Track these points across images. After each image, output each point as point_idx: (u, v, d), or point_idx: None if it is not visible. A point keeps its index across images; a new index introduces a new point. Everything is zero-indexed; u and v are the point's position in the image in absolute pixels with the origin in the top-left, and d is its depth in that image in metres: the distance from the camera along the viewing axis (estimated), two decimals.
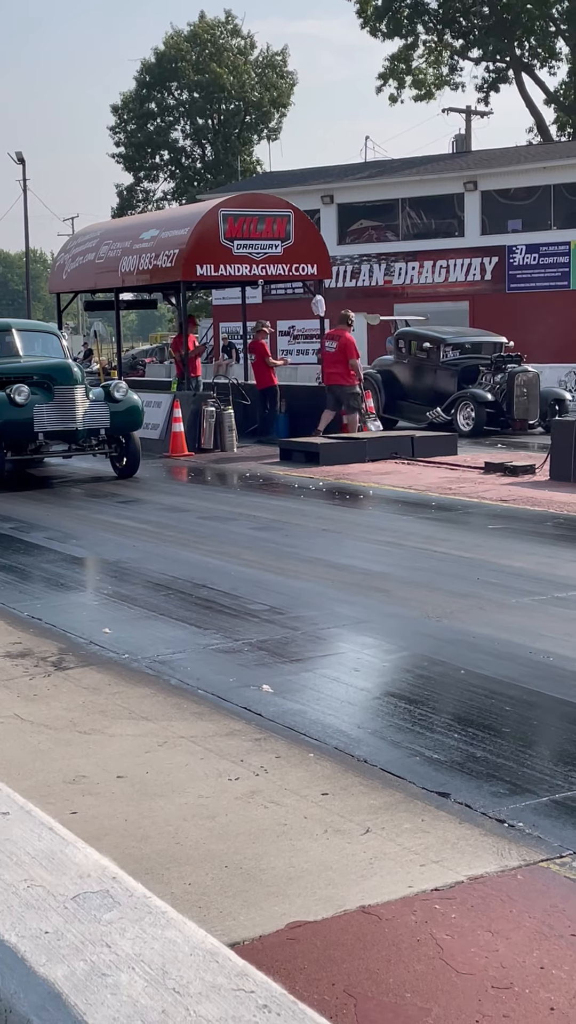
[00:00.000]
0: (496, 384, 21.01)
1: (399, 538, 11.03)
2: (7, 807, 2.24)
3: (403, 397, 22.69)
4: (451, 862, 4.28)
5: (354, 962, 3.64)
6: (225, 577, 9.33)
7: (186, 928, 1.79)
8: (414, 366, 22.64)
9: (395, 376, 22.99)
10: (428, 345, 22.42)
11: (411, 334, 23.46)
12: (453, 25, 51.51)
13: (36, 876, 1.99)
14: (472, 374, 21.72)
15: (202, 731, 5.75)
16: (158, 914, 1.85)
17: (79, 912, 1.87)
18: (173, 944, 1.72)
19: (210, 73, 62.12)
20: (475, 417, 20.86)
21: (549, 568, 9.44)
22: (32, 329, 17.56)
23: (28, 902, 1.92)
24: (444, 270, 37.30)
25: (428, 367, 22.34)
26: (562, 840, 4.45)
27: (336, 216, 39.48)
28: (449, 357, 22.16)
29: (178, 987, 1.63)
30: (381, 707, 6.12)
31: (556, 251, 34.79)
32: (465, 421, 21.01)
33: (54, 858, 2.03)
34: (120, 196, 65.77)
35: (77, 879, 1.97)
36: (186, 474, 16.78)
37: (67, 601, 8.84)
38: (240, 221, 19.69)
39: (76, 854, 2.05)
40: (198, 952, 1.69)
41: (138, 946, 1.74)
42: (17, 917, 1.87)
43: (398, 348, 23.29)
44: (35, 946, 1.78)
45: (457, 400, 21.28)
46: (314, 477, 15.35)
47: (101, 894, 1.91)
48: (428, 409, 21.74)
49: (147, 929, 1.78)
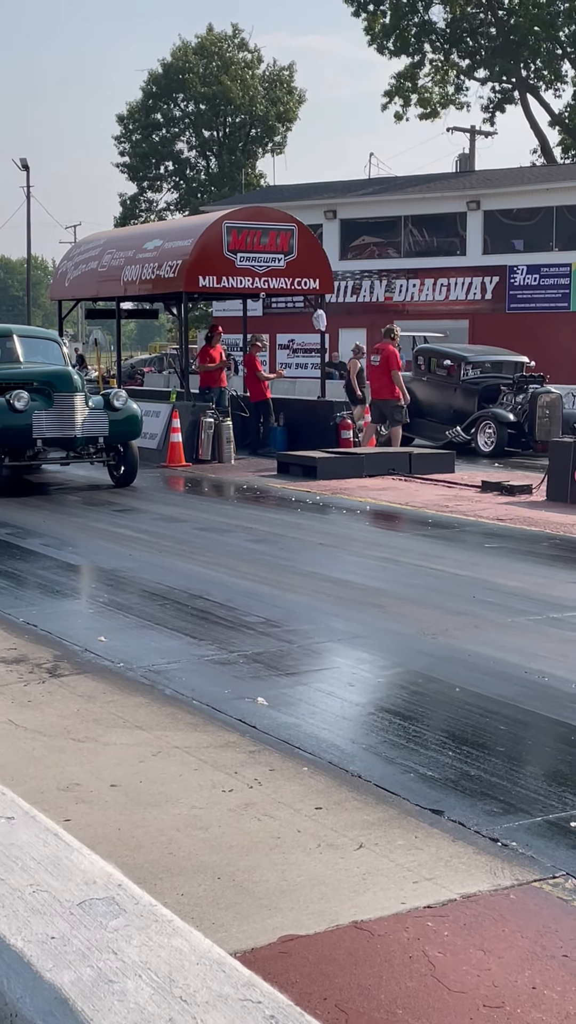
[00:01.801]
0: (518, 404, 20.63)
1: (395, 554, 11.04)
2: (12, 812, 2.24)
3: (421, 415, 22.27)
4: (444, 879, 4.27)
5: (346, 977, 3.63)
6: (221, 588, 9.33)
7: (192, 937, 1.79)
8: (433, 384, 22.29)
9: (413, 393, 22.38)
10: (449, 363, 22.10)
11: (431, 351, 23.14)
12: (460, 45, 51.74)
13: (42, 881, 1.99)
14: (493, 394, 21.33)
15: (196, 742, 5.74)
16: (164, 922, 1.85)
17: (85, 918, 1.87)
18: (180, 953, 1.72)
19: (218, 86, 62.28)
20: (496, 437, 20.50)
21: (545, 588, 9.45)
22: (33, 336, 17.57)
23: (34, 907, 1.91)
24: (445, 288, 37.40)
25: (448, 385, 21.97)
26: (555, 860, 4.45)
27: (338, 231, 39.58)
28: (470, 375, 21.78)
29: (185, 995, 1.63)
30: (376, 723, 6.11)
31: (557, 272, 34.90)
32: (486, 441, 20.65)
33: (59, 864, 2.03)
34: (123, 205, 65.89)
35: (83, 885, 1.96)
36: (183, 485, 16.78)
37: (63, 608, 8.84)
38: (244, 234, 19.74)
39: (82, 860, 2.05)
40: (205, 961, 1.69)
41: (144, 953, 1.74)
42: (23, 922, 1.87)
43: (417, 365, 22.95)
44: (41, 951, 1.77)
45: (478, 419, 20.91)
46: (311, 491, 15.36)
47: (107, 901, 1.91)
48: (446, 428, 21.38)
49: (153, 937, 1.78)
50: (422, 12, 50.81)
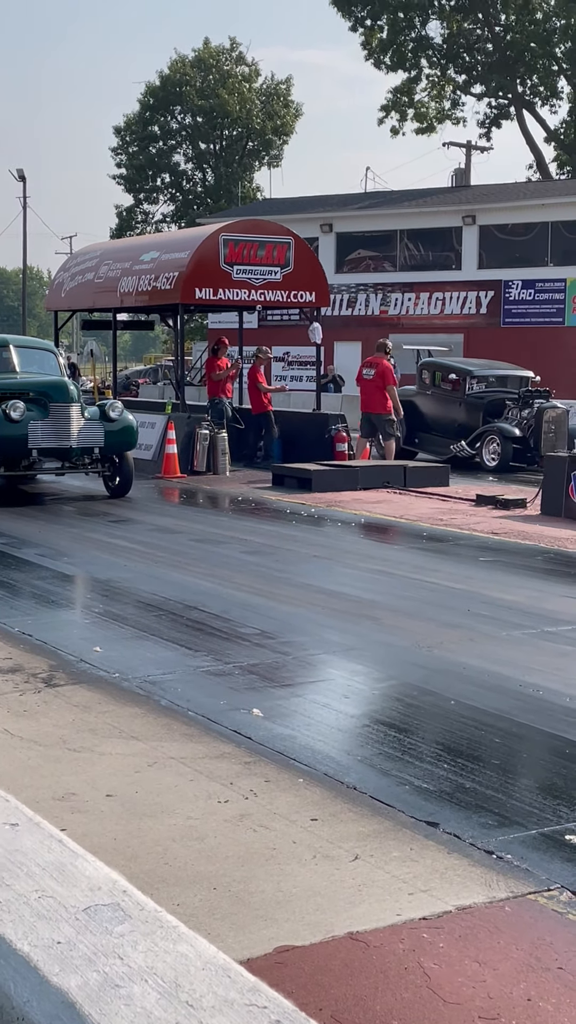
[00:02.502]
0: (523, 419, 20.44)
1: (390, 567, 11.06)
2: (16, 819, 2.25)
3: (425, 429, 22.18)
4: (439, 891, 4.29)
5: (341, 988, 3.64)
6: (216, 600, 9.34)
7: (198, 943, 1.81)
8: (438, 398, 22.12)
9: (417, 407, 22.43)
10: (453, 377, 21.93)
11: (436, 365, 22.97)
12: (457, 60, 51.95)
13: (47, 887, 2.00)
14: (498, 408, 21.15)
15: (192, 753, 5.75)
16: (169, 928, 1.86)
17: (91, 924, 1.88)
18: (185, 958, 1.73)
19: (215, 99, 62.46)
20: (501, 452, 20.34)
21: (539, 602, 9.47)
22: (29, 346, 17.59)
23: (40, 913, 1.92)
24: (440, 302, 37.49)
25: (453, 399, 21.78)
26: (550, 873, 4.47)
27: (334, 245, 39.67)
28: (474, 390, 21.59)
29: (191, 1000, 1.65)
30: (371, 735, 6.13)
31: (552, 287, 35.00)
32: (491, 456, 20.47)
33: (64, 870, 2.04)
34: (119, 217, 65.97)
35: (88, 891, 1.98)
36: (178, 496, 16.79)
37: (58, 618, 8.85)
38: (240, 246, 19.79)
39: (86, 867, 2.06)
40: (210, 967, 1.70)
41: (150, 959, 1.75)
42: (29, 927, 1.88)
43: (421, 379, 22.80)
44: (48, 956, 1.79)
45: (483, 434, 20.73)
46: (306, 503, 15.39)
47: (112, 907, 1.92)
48: (451, 442, 21.21)
49: (159, 943, 1.79)
50: (419, 28, 51.02)
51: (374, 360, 19.40)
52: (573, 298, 34.58)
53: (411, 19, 50.53)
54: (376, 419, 19.20)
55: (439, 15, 50.70)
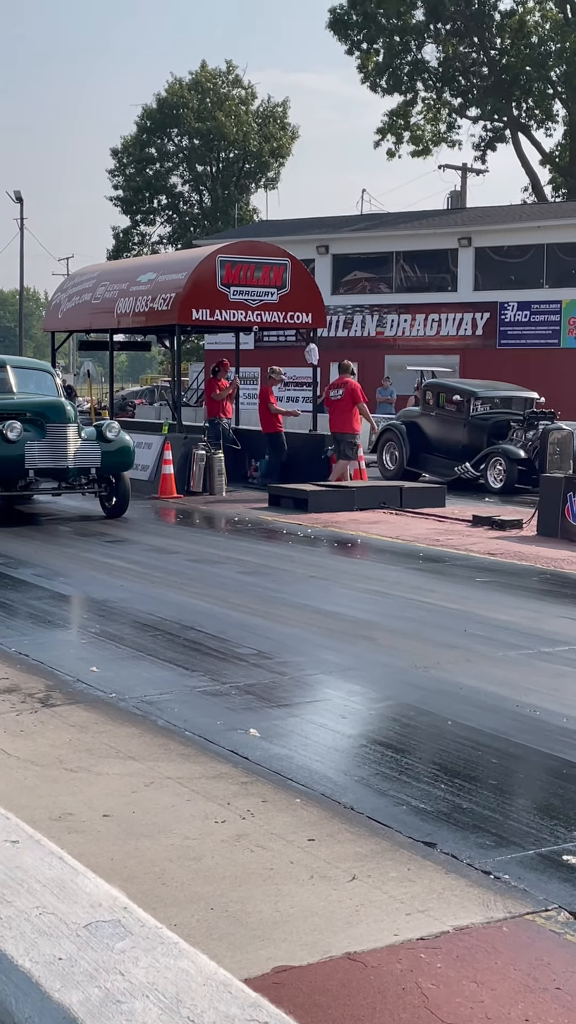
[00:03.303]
0: (528, 441, 20.23)
1: (387, 587, 11.07)
2: (16, 836, 2.25)
3: (428, 450, 21.97)
4: (437, 912, 4.28)
5: (339, 1008, 3.64)
6: (213, 620, 9.34)
7: (199, 959, 1.81)
8: (442, 419, 21.89)
9: (420, 428, 22.23)
10: (458, 398, 21.70)
11: (439, 386, 22.79)
12: (452, 84, 52.24)
13: (48, 904, 2.00)
14: (502, 430, 20.95)
15: (189, 773, 5.75)
16: (170, 944, 1.87)
17: (92, 940, 1.88)
18: (186, 974, 1.73)
19: (212, 121, 62.77)
20: (506, 474, 20.13)
21: (536, 622, 9.48)
22: (26, 367, 17.63)
23: (41, 929, 1.93)
24: (436, 324, 37.59)
25: (457, 420, 21.55)
26: (547, 893, 4.46)
27: (330, 266, 39.79)
28: (479, 411, 21.40)
29: (192, 1016, 1.65)
30: (368, 755, 6.13)
31: (547, 309, 35.11)
32: (496, 478, 20.25)
33: (65, 887, 2.04)
34: (116, 238, 66.19)
35: (89, 908, 1.98)
36: (175, 516, 16.80)
37: (54, 638, 8.84)
38: (237, 268, 19.85)
39: (87, 883, 2.06)
40: (211, 983, 1.70)
41: (151, 975, 1.75)
42: (30, 943, 1.88)
43: (424, 400, 22.64)
44: (49, 972, 1.79)
45: (488, 456, 20.52)
46: (302, 524, 15.40)
47: (113, 923, 1.92)
48: (454, 463, 20.98)
49: (160, 959, 1.80)
50: (415, 51, 51.32)
51: (340, 381, 19.17)
52: (568, 320, 34.70)
53: (407, 43, 50.84)
54: (340, 438, 18.94)
55: (435, 39, 51.02)
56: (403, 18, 49.50)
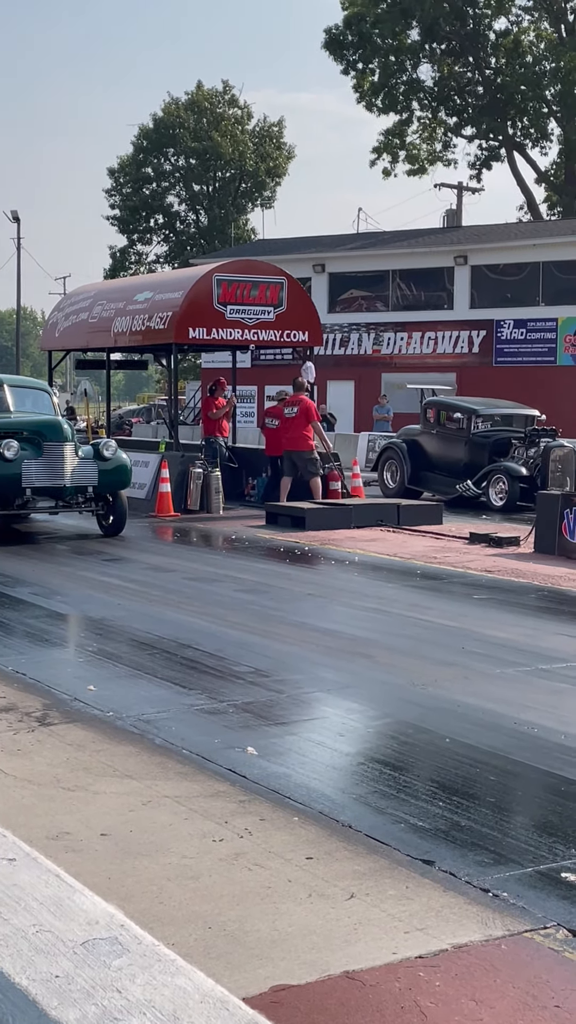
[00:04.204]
0: (530, 458, 20.10)
1: (384, 605, 11.07)
2: (13, 853, 2.24)
3: (429, 468, 21.91)
4: (435, 930, 4.27)
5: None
6: (210, 638, 9.33)
7: (196, 976, 1.80)
8: (443, 437, 21.84)
9: (421, 446, 22.17)
10: (459, 416, 21.68)
11: (440, 404, 22.73)
12: (448, 103, 52.47)
13: (44, 922, 2.00)
14: (504, 447, 20.90)
15: (186, 791, 5.73)
16: (167, 962, 1.86)
17: (89, 957, 1.88)
18: (183, 992, 1.73)
19: (208, 141, 62.99)
20: (508, 492, 20.05)
21: (533, 640, 9.48)
22: (23, 385, 17.63)
23: (38, 947, 1.92)
24: (432, 341, 37.67)
25: (457, 438, 21.51)
26: (546, 911, 4.45)
27: (327, 285, 39.89)
28: (480, 429, 21.34)
29: None
30: (366, 773, 6.11)
31: (543, 327, 35.20)
32: (498, 496, 20.17)
33: (62, 904, 2.04)
34: (113, 257, 66.35)
35: (85, 925, 1.97)
36: (172, 534, 16.80)
37: (51, 657, 8.83)
38: (234, 286, 19.90)
39: (84, 901, 2.05)
40: (208, 1000, 1.70)
41: (148, 992, 1.74)
42: (27, 961, 1.87)
43: (426, 418, 22.52)
44: (46, 990, 1.78)
45: (490, 473, 20.44)
46: (300, 542, 15.40)
47: (110, 941, 1.92)
48: (456, 481, 20.95)
49: (157, 976, 1.79)
50: (410, 71, 51.57)
51: (295, 398, 18.98)
52: (565, 337, 34.78)
53: (402, 62, 51.10)
54: (298, 457, 18.76)
55: (430, 59, 51.28)
56: (398, 38, 49.77)
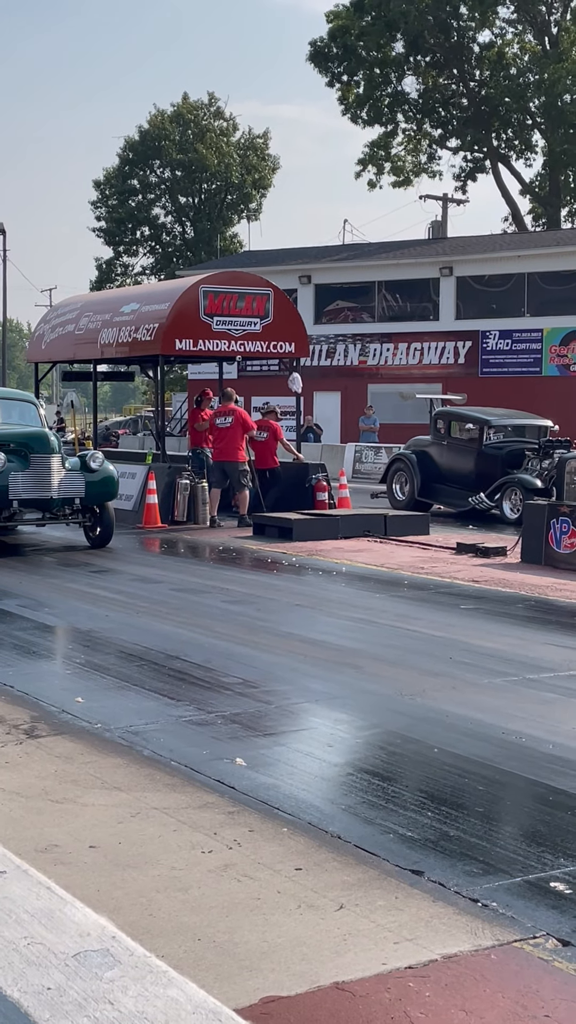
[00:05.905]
0: (544, 470, 19.60)
1: (372, 615, 11.07)
2: (3, 866, 2.24)
3: (440, 480, 21.52)
4: (425, 940, 4.27)
5: None
6: (198, 649, 9.32)
7: (188, 988, 1.80)
8: (454, 448, 21.45)
9: (432, 458, 21.75)
10: (471, 426, 21.27)
11: (452, 414, 22.34)
12: (432, 115, 52.69)
13: (36, 934, 1.99)
14: (517, 459, 20.44)
15: (175, 803, 5.73)
16: (159, 973, 1.86)
17: (80, 969, 1.87)
18: (175, 1003, 1.73)
19: (194, 153, 63.11)
20: (523, 504, 19.21)
21: (521, 650, 9.49)
22: (9, 397, 17.60)
23: (29, 959, 1.92)
24: (418, 352, 37.77)
25: (469, 450, 21.09)
26: (535, 921, 4.46)
27: (313, 296, 39.98)
28: (492, 440, 20.86)
29: None
30: (355, 783, 6.11)
31: (528, 338, 35.32)
32: (512, 508, 19.65)
33: (53, 916, 2.03)
34: (99, 269, 66.40)
35: (77, 937, 1.97)
36: (159, 546, 16.79)
37: (39, 669, 8.81)
38: (220, 298, 19.93)
39: (75, 913, 2.05)
40: (201, 1011, 1.69)
41: (140, 1004, 1.74)
42: (19, 973, 1.87)
43: (436, 429, 22.16)
44: (38, 1002, 1.77)
45: (504, 485, 19.96)
46: (287, 552, 15.40)
47: (102, 952, 1.91)
48: (467, 493, 20.54)
49: (149, 988, 1.79)
50: (395, 83, 51.78)
51: (227, 408, 18.78)
52: (550, 348, 34.90)
53: (387, 75, 51.30)
54: (230, 468, 18.59)
55: (415, 71, 51.49)
56: (383, 51, 49.97)
